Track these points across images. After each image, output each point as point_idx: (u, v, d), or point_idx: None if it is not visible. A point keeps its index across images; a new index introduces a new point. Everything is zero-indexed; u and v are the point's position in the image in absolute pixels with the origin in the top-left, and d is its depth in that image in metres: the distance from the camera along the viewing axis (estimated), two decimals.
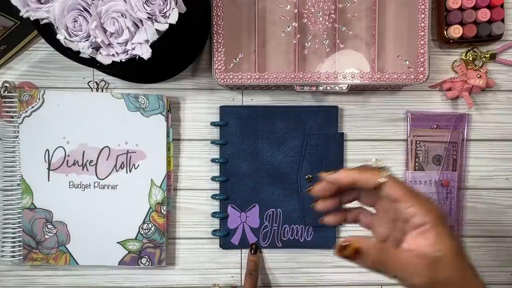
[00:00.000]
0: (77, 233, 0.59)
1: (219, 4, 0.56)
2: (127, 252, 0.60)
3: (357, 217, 0.41)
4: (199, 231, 0.63)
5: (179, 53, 0.56)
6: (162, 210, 0.59)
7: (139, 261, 0.60)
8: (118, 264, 0.60)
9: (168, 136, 0.60)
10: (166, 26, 0.45)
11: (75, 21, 0.45)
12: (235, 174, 0.61)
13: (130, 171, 0.59)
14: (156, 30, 0.45)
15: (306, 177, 0.61)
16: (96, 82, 0.61)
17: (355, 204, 0.41)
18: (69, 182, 0.59)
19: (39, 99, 0.58)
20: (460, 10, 0.58)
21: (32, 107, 0.58)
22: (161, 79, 0.61)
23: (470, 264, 0.34)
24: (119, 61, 0.46)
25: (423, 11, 0.56)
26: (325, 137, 0.61)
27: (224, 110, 0.61)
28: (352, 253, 0.33)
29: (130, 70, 0.56)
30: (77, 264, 0.60)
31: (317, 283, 0.63)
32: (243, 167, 0.61)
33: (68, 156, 0.59)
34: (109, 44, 0.46)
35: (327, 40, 0.56)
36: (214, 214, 0.62)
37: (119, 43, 0.46)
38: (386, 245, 0.35)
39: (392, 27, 0.56)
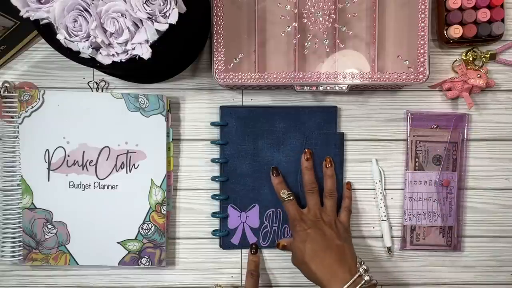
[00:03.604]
0: (77, 233, 0.59)
1: (219, 4, 0.56)
2: (127, 252, 0.60)
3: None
4: (199, 231, 0.63)
5: (179, 53, 0.56)
6: (162, 210, 0.59)
7: (139, 261, 0.60)
8: (118, 264, 0.60)
9: (168, 136, 0.60)
10: (166, 26, 0.45)
11: (75, 21, 0.45)
12: (235, 174, 0.61)
13: (130, 171, 0.59)
14: (156, 30, 0.45)
15: None
16: (96, 82, 0.61)
17: None
18: (69, 182, 0.59)
19: (39, 99, 0.58)
20: (460, 10, 0.58)
21: (32, 107, 0.58)
22: (161, 79, 0.61)
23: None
24: (119, 61, 0.46)
25: (423, 11, 0.56)
26: (325, 137, 0.61)
27: (224, 110, 0.61)
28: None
29: (130, 70, 0.56)
30: (77, 264, 0.60)
31: None
32: (243, 167, 0.61)
33: (68, 156, 0.59)
34: (109, 44, 0.46)
35: (327, 40, 0.56)
36: (214, 214, 0.62)
37: (119, 43, 0.46)
38: None
39: (392, 27, 0.56)
